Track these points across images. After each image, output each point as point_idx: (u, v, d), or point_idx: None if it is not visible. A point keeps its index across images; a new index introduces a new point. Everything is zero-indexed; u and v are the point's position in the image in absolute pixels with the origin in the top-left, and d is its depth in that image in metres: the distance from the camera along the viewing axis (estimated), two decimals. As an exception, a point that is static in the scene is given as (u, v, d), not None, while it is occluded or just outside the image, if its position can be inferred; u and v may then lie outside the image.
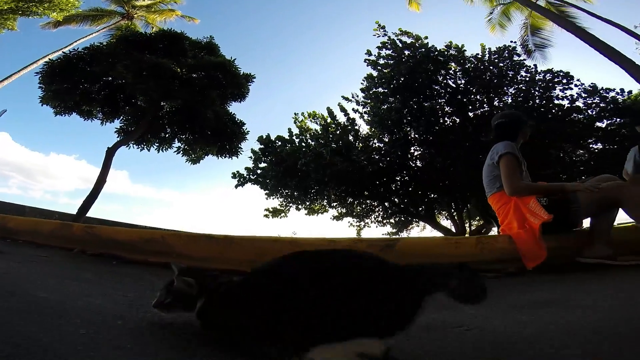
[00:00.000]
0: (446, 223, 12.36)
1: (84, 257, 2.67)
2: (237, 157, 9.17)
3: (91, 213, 7.76)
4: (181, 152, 9.34)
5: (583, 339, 0.92)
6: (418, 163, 10.49)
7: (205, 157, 9.31)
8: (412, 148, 10.51)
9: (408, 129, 10.38)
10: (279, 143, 11.15)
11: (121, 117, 8.95)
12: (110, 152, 7.99)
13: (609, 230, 2.15)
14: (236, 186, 11.37)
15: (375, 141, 10.99)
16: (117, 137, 8.87)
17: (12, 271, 1.74)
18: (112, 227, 3.22)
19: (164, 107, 8.70)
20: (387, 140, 10.60)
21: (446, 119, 10.38)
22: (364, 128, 11.36)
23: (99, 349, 0.80)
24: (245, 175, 11.40)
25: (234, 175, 11.37)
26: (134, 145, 8.81)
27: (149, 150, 9.14)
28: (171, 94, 7.57)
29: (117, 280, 1.79)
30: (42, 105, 8.09)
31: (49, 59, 8.15)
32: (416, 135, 10.33)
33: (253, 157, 11.28)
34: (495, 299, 1.41)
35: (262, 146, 11.10)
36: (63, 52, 8.38)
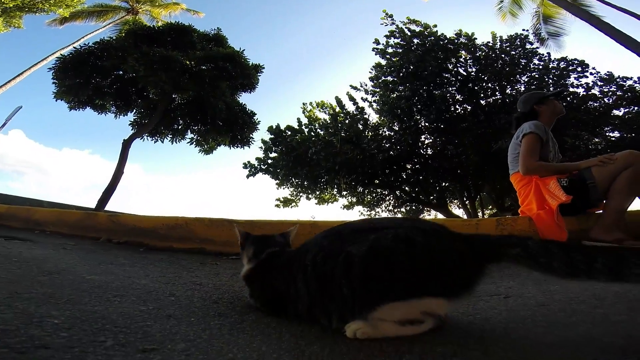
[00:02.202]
0: (459, 212, 12.32)
1: (111, 245, 2.76)
2: (249, 147, 9.26)
3: (109, 206, 7.93)
4: (194, 143, 9.44)
5: (607, 303, 0.97)
6: (429, 151, 10.44)
7: (218, 147, 9.40)
8: (423, 136, 10.46)
9: (418, 117, 10.31)
10: (289, 133, 11.19)
11: (134, 110, 9.05)
12: (126, 144, 8.12)
13: (620, 213, 2.09)
14: (247, 176, 11.49)
15: (385, 130, 10.95)
16: (132, 129, 9.02)
17: (50, 256, 1.81)
18: (136, 215, 3.30)
19: (175, 100, 8.77)
20: (397, 128, 10.56)
21: (457, 106, 10.27)
22: (373, 117, 11.32)
23: (159, 320, 0.85)
24: (256, 165, 11.50)
25: (245, 166, 11.47)
26: (148, 138, 8.93)
27: (162, 142, 9.30)
28: (182, 86, 7.62)
29: (151, 264, 1.86)
30: (56, 100, 8.22)
31: (61, 54, 8.26)
32: (427, 124, 10.25)
33: (263, 147, 11.35)
34: (525, 274, 1.45)
35: (272, 136, 11.15)
36: (74, 47, 8.46)
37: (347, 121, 11.05)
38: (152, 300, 1.03)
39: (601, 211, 2.31)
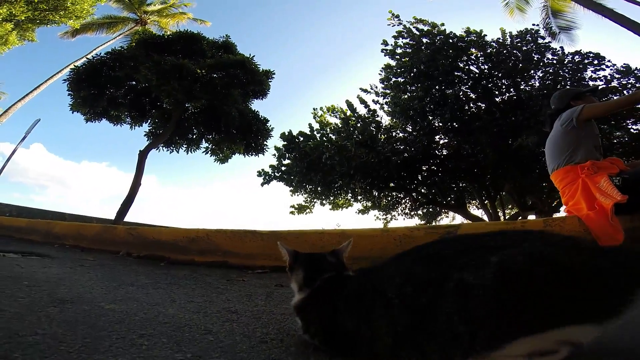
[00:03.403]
0: (478, 212, 12.00)
1: (131, 260, 2.67)
2: (263, 154, 9.15)
3: (128, 218, 7.93)
4: (209, 152, 9.36)
5: None
6: (444, 152, 10.22)
7: (232, 156, 9.34)
8: (437, 137, 10.24)
9: (432, 117, 10.11)
10: (302, 139, 11.09)
11: (149, 121, 9.05)
12: (143, 155, 8.08)
13: None
14: (262, 184, 11.41)
15: (399, 132, 10.78)
16: (147, 140, 8.98)
17: (66, 277, 1.71)
18: (155, 228, 3.22)
19: (189, 109, 8.75)
20: (410, 129, 10.37)
21: (471, 105, 10.04)
22: (385, 119, 11.16)
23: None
24: (270, 172, 11.42)
25: (259, 174, 11.41)
26: (164, 148, 8.91)
27: (177, 152, 9.25)
28: (195, 94, 7.59)
29: (175, 283, 1.75)
30: (72, 112, 8.29)
31: (75, 65, 8.32)
32: (441, 124, 10.05)
33: (277, 154, 11.27)
34: None
35: (285, 143, 11.07)
36: (87, 58, 8.52)
37: (359, 124, 10.91)
38: (186, 341, 0.87)
39: None
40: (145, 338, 0.86)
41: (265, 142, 9.04)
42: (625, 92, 8.81)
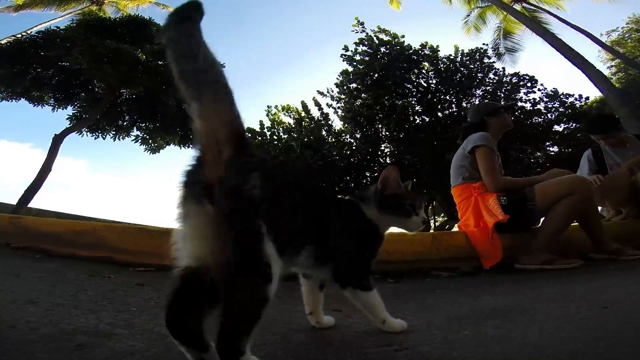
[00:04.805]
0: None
1: (8, 250, 2.50)
2: None
3: (38, 204, 7.36)
4: (139, 140, 8.98)
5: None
6: (387, 160, 10.60)
7: (167, 146, 8.99)
8: (383, 145, 10.62)
9: (379, 125, 10.48)
10: (248, 135, 10.92)
11: (75, 104, 8.47)
12: (57, 139, 7.53)
13: (554, 237, 2.09)
14: None
15: (348, 137, 11.02)
16: (70, 123, 8.32)
17: None
18: (42, 219, 3.03)
19: (123, 94, 8.33)
20: (358, 136, 10.65)
21: (416, 117, 10.52)
22: (337, 123, 11.35)
23: None
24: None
25: None
26: (88, 133, 8.37)
27: (104, 138, 8.75)
28: (133, 80, 7.24)
29: (34, 276, 1.67)
30: (-13, 89, 7.55)
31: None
32: (387, 133, 10.43)
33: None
34: (437, 309, 1.33)
35: (229, 138, 10.81)
36: (15, 36, 7.82)
37: (312, 126, 11.01)
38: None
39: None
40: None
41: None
42: (549, 115, 9.73)
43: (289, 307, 1.26)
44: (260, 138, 10.81)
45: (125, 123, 8.73)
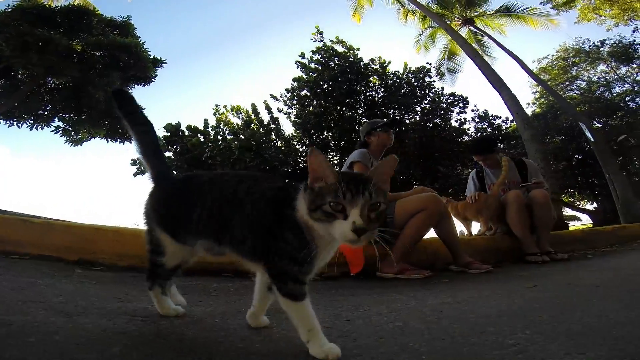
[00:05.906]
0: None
1: None
2: (131, 142, 8.52)
3: None
4: (60, 131, 8.46)
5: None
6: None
7: (92, 139, 8.51)
8: (330, 154, 10.90)
9: (327, 134, 10.76)
10: (187, 133, 10.70)
11: (-8, 90, 7.71)
12: None
13: (408, 248, 2.33)
14: (135, 174, 10.52)
15: (297, 144, 11.16)
16: (-20, 110, 7.61)
17: None
18: None
19: (48, 83, 7.79)
20: (307, 143, 10.84)
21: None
22: (290, 129, 11.44)
23: None
24: (146, 163, 10.57)
25: (133, 162, 10.53)
26: (1, 121, 7.70)
27: (19, 127, 8.14)
28: (61, 70, 6.82)
29: None
30: None
31: None
32: (334, 142, 10.75)
33: (158, 145, 10.52)
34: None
35: (168, 134, 10.45)
36: None
37: (261, 129, 10.99)
38: None
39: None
40: None
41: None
42: (478, 135, 10.63)
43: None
44: (199, 137, 10.54)
45: (46, 113, 8.15)
